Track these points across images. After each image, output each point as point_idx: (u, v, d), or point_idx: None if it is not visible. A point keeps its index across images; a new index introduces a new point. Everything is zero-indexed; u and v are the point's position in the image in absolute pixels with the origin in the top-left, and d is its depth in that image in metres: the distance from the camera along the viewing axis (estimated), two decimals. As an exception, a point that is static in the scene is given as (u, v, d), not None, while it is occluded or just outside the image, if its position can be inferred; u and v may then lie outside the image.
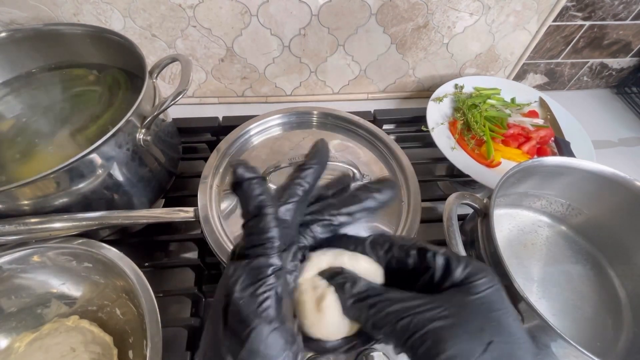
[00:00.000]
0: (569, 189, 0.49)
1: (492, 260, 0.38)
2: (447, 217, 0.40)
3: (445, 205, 0.41)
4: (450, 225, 0.39)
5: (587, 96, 0.85)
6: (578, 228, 0.51)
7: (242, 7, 0.60)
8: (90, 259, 0.41)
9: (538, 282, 0.47)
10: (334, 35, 0.66)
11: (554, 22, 0.68)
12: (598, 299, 0.46)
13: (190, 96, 0.74)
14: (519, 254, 0.49)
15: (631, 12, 0.69)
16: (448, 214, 0.40)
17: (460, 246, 0.38)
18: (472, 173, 0.56)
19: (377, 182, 0.24)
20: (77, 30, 0.52)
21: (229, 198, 0.46)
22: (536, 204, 0.53)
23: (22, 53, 0.53)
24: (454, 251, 0.35)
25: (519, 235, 0.51)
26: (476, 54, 0.73)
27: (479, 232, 0.41)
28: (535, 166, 0.44)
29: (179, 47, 0.65)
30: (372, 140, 0.54)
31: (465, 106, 0.65)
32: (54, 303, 0.43)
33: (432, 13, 0.64)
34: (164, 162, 0.51)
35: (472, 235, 0.42)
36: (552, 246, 0.50)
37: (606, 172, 0.44)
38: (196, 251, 0.51)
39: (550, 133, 0.64)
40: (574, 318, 0.44)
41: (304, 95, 0.77)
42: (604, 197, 0.46)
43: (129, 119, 0.41)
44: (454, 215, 0.40)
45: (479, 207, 0.42)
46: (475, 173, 0.56)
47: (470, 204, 0.42)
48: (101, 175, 0.41)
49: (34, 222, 0.39)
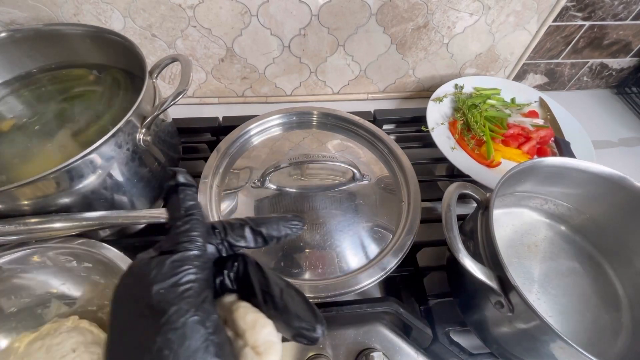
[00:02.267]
0: (569, 189, 0.48)
1: (487, 247, 0.38)
2: (446, 204, 0.39)
3: (445, 193, 0.41)
4: (448, 212, 0.39)
5: (587, 96, 0.85)
6: (578, 228, 0.51)
7: (242, 7, 0.60)
8: (90, 259, 0.41)
9: (538, 282, 0.47)
10: (334, 35, 0.66)
11: (554, 22, 0.68)
12: (598, 300, 0.46)
13: (190, 96, 0.74)
14: (520, 254, 0.49)
15: (631, 12, 0.69)
16: (448, 201, 0.40)
17: (456, 231, 0.37)
18: (472, 173, 0.56)
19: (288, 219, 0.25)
20: (77, 30, 0.52)
21: (229, 198, 0.46)
22: (537, 204, 0.53)
23: (22, 53, 0.53)
24: (450, 237, 0.37)
25: (519, 235, 0.51)
26: (476, 54, 0.73)
27: (478, 225, 0.41)
28: (535, 166, 0.44)
29: (179, 47, 0.65)
30: (372, 140, 0.54)
31: (465, 106, 0.65)
32: (54, 303, 0.43)
33: (432, 13, 0.64)
34: (164, 162, 0.51)
35: (472, 233, 0.42)
36: (553, 246, 0.50)
37: (607, 172, 0.44)
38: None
39: (550, 133, 0.64)
40: (573, 318, 0.44)
41: (304, 95, 0.77)
42: (605, 197, 0.46)
43: (129, 119, 0.41)
44: (453, 203, 0.39)
45: (480, 198, 0.41)
46: (475, 173, 0.56)
47: (472, 195, 0.41)
48: (101, 175, 0.41)
49: (34, 222, 0.39)
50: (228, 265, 0.22)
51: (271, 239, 0.24)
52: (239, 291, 0.22)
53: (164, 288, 0.18)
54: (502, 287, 0.36)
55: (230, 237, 0.23)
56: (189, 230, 0.20)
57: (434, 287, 0.48)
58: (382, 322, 0.43)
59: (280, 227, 0.24)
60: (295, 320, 0.20)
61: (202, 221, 0.21)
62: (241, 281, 0.22)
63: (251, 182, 0.46)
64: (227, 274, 0.22)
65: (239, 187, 0.47)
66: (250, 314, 0.21)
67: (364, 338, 0.41)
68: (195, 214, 0.21)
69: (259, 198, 0.45)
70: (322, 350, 0.41)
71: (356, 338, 0.41)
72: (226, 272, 0.22)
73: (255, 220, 0.24)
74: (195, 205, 0.22)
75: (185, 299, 0.18)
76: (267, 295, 0.21)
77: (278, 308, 0.20)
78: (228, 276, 0.22)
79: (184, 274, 0.18)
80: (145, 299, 0.18)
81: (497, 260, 0.35)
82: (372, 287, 0.41)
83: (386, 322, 0.43)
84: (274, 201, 0.45)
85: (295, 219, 0.25)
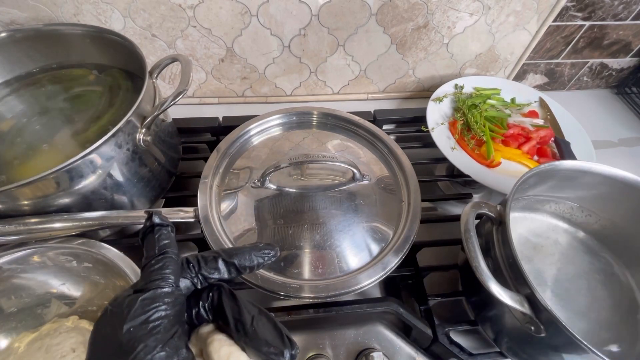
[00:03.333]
0: (584, 193, 0.48)
1: (510, 268, 0.37)
2: (464, 229, 0.38)
3: (461, 216, 0.39)
4: (469, 237, 0.37)
5: (587, 96, 0.85)
6: (593, 232, 0.50)
7: (242, 7, 0.60)
8: (90, 259, 0.41)
9: (551, 286, 0.46)
10: (334, 35, 0.66)
11: (554, 22, 0.68)
12: (614, 304, 0.45)
13: (190, 96, 0.74)
14: (532, 258, 0.48)
15: (631, 12, 0.69)
16: (465, 225, 0.38)
17: (481, 259, 0.36)
18: (472, 173, 0.56)
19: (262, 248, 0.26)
20: (77, 30, 0.52)
21: (229, 198, 0.46)
22: (550, 208, 0.52)
23: (22, 53, 0.53)
24: (475, 265, 0.35)
25: (531, 239, 0.50)
26: (476, 54, 0.73)
27: (494, 239, 0.40)
28: (549, 170, 0.43)
29: (179, 47, 0.65)
30: (372, 141, 0.54)
31: (465, 106, 0.65)
32: (53, 303, 0.43)
33: (432, 13, 0.64)
34: (164, 162, 0.51)
35: (487, 242, 0.41)
36: (567, 250, 0.49)
37: (621, 175, 0.43)
38: (196, 251, 0.51)
39: (550, 133, 0.64)
40: (588, 323, 0.43)
41: (304, 95, 0.77)
42: (620, 201, 0.45)
43: (129, 119, 0.41)
44: (471, 227, 0.38)
45: (494, 215, 0.40)
46: (475, 173, 0.56)
47: (487, 214, 0.40)
48: (101, 175, 0.41)
49: (34, 222, 0.39)
50: (203, 296, 0.23)
51: (244, 269, 0.25)
52: (215, 320, 0.23)
53: (134, 326, 0.19)
54: (532, 309, 0.34)
55: (204, 270, 0.24)
56: (161, 269, 0.21)
57: (434, 287, 0.48)
58: (382, 322, 0.43)
59: (252, 256, 0.25)
60: (264, 345, 0.21)
61: (175, 259, 0.23)
62: (216, 311, 0.23)
63: (251, 182, 0.46)
64: (202, 305, 0.23)
65: (239, 187, 0.47)
66: (224, 347, 0.21)
67: (364, 338, 0.41)
68: (169, 252, 0.22)
69: (259, 198, 0.45)
70: (322, 350, 0.41)
71: (356, 338, 0.41)
72: (201, 303, 0.23)
73: (227, 251, 0.25)
74: (169, 244, 0.23)
75: (153, 334, 0.18)
76: (238, 323, 0.22)
77: (248, 334, 0.21)
78: (203, 307, 0.23)
79: (153, 311, 0.19)
80: (117, 337, 0.18)
81: (524, 281, 0.34)
82: (372, 287, 0.41)
83: (386, 322, 0.43)
84: (274, 201, 0.45)
85: (267, 247, 0.26)
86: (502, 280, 0.36)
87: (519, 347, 0.40)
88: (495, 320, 0.42)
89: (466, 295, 0.47)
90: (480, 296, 0.44)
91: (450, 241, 0.51)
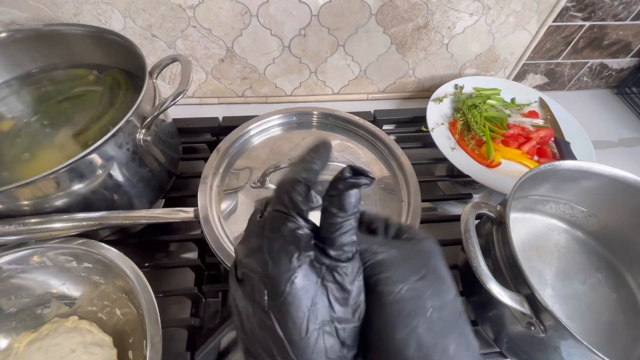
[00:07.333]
0: (584, 193, 0.48)
1: (510, 268, 0.37)
2: (464, 230, 0.38)
3: (461, 216, 0.39)
4: (469, 237, 0.37)
5: (587, 96, 0.85)
6: (594, 233, 0.50)
7: (242, 8, 0.60)
8: (90, 259, 0.41)
9: (551, 286, 0.46)
10: (334, 35, 0.66)
11: (554, 22, 0.68)
12: (614, 304, 0.45)
13: (190, 96, 0.74)
14: (531, 258, 0.48)
15: (631, 12, 0.69)
16: (465, 225, 0.38)
17: (481, 259, 0.36)
18: (472, 173, 0.56)
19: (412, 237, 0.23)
20: (77, 30, 0.52)
21: (229, 198, 0.46)
22: (550, 208, 0.52)
23: (22, 53, 0.53)
24: (475, 265, 0.35)
25: (531, 239, 0.50)
26: (476, 54, 0.73)
27: (494, 240, 0.40)
28: (549, 170, 0.43)
29: (179, 47, 0.65)
30: (372, 141, 0.54)
31: (465, 106, 0.65)
32: (53, 303, 0.43)
33: (432, 13, 0.64)
34: (164, 163, 0.51)
35: (487, 242, 0.41)
36: (566, 251, 0.49)
37: (621, 175, 0.43)
38: (196, 251, 0.51)
39: (550, 133, 0.64)
40: (589, 324, 0.43)
41: (304, 95, 0.77)
42: (621, 201, 0.45)
43: (129, 119, 0.41)
44: (471, 227, 0.38)
45: (494, 215, 0.40)
46: (475, 173, 0.56)
47: (487, 214, 0.40)
48: (101, 175, 0.41)
49: (34, 222, 0.39)
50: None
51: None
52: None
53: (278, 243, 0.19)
54: (532, 309, 0.34)
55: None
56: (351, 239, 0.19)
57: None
58: (382, 322, 0.42)
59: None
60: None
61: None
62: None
63: (251, 182, 0.46)
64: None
65: (239, 187, 0.47)
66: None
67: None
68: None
69: (259, 198, 0.45)
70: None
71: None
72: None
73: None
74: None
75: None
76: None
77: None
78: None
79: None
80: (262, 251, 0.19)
81: (524, 281, 0.34)
82: (372, 287, 0.41)
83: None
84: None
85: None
86: (502, 280, 0.36)
87: (519, 347, 0.40)
88: (495, 320, 0.42)
89: (466, 295, 0.47)
90: (480, 296, 0.44)
91: (450, 241, 0.51)
